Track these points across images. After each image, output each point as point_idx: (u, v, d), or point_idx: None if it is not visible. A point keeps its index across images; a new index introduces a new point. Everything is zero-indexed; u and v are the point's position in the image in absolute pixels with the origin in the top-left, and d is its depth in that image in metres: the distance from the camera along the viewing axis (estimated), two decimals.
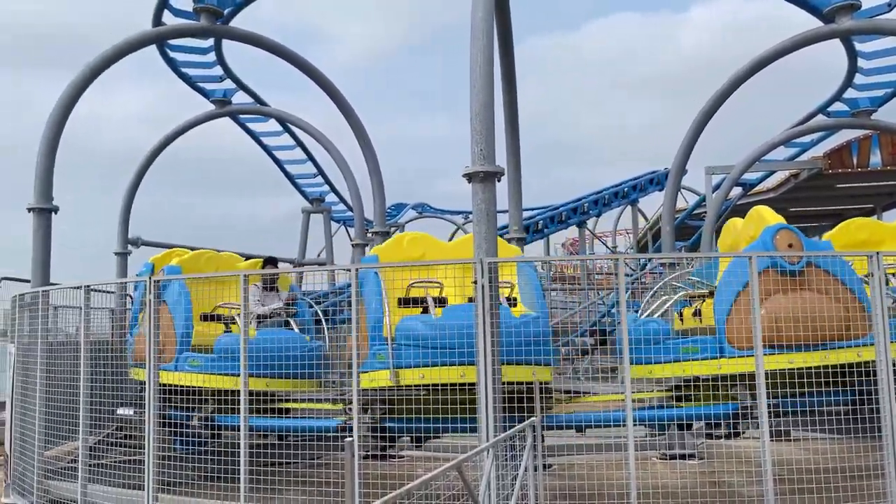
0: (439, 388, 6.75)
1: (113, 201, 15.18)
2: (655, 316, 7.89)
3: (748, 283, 6.45)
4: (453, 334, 6.64)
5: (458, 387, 6.67)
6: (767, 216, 8.11)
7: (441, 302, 7.64)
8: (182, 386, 7.87)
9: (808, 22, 10.43)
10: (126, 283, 10.34)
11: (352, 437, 4.12)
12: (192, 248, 13.45)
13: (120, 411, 8.78)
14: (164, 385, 7.71)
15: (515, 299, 8.05)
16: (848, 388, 6.88)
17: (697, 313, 8.35)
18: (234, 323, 8.90)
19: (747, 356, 6.47)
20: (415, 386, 6.93)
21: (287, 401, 8.71)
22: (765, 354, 6.28)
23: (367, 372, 6.93)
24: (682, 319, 8.29)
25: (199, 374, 8.09)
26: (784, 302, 6.65)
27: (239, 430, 6.89)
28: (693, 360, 7.03)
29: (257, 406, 7.90)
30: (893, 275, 8.16)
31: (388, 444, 7.50)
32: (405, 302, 7.67)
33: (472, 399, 6.47)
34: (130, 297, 10.38)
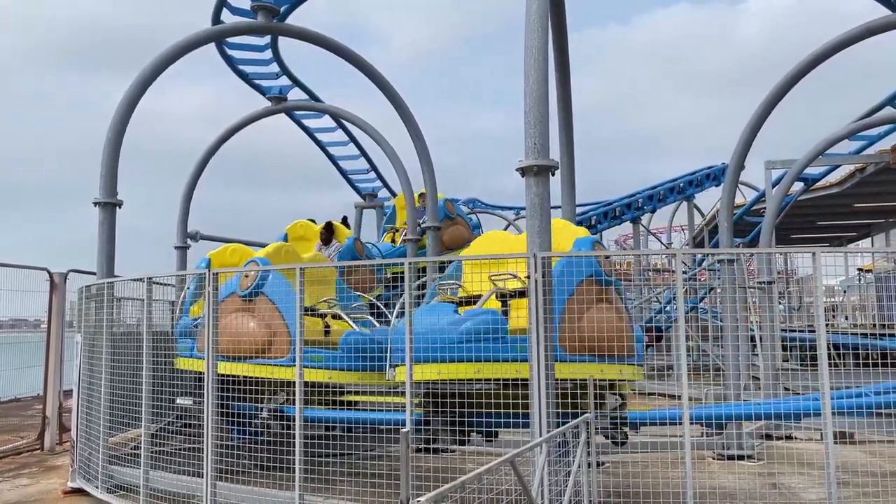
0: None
1: (173, 197, 15.54)
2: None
3: (576, 288, 6.75)
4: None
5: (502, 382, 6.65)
6: (580, 231, 8.31)
7: (520, 294, 7.31)
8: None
9: (872, 12, 10.06)
10: (185, 275, 10.60)
11: (406, 428, 4.15)
12: (249, 243, 13.83)
13: (179, 401, 9.02)
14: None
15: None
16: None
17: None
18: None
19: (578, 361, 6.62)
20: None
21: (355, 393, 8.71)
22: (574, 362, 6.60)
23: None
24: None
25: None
26: (598, 312, 6.75)
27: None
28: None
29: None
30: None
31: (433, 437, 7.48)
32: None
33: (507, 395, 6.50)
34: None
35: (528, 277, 6.44)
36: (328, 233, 14.08)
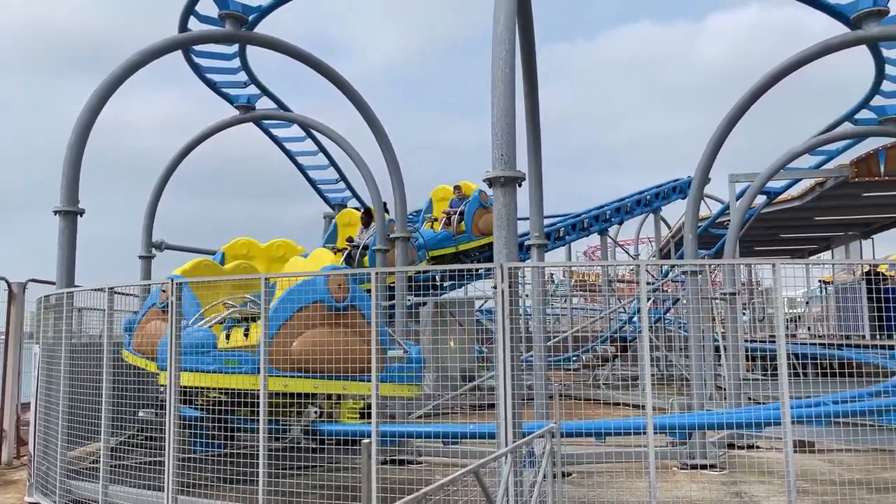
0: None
1: (139, 206, 15.31)
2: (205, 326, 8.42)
3: (298, 311, 7.49)
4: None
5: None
6: (326, 257, 9.49)
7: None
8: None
9: (831, 29, 10.33)
10: (149, 285, 10.44)
11: (368, 439, 4.11)
12: (214, 253, 13.72)
13: (141, 413, 8.87)
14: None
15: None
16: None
17: (247, 333, 8.62)
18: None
19: (282, 376, 7.34)
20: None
21: None
22: (297, 377, 7.38)
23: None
24: (227, 338, 8.62)
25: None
26: (321, 335, 7.44)
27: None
28: (235, 373, 7.70)
29: None
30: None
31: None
32: None
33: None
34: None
35: (495, 288, 6.47)
36: (367, 217, 15.52)
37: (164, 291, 8.60)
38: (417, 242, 16.85)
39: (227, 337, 8.57)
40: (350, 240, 15.92)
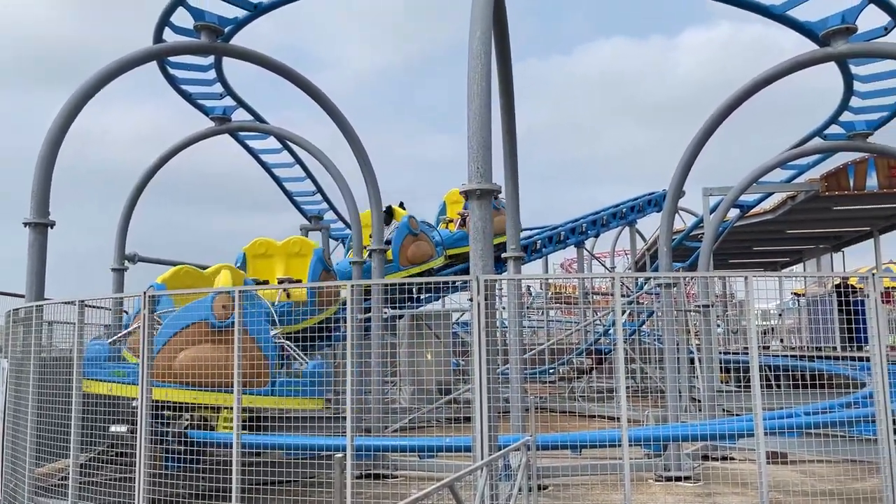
0: None
1: (111, 217, 15.17)
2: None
3: (182, 328, 8.09)
4: None
5: None
6: (223, 278, 10.14)
7: None
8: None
9: (801, 45, 10.53)
10: (121, 298, 10.30)
11: (342, 454, 4.07)
12: (196, 265, 13.76)
13: (112, 429, 8.72)
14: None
15: None
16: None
17: None
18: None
19: (163, 387, 8.00)
20: None
21: None
22: (185, 389, 8.13)
23: None
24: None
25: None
26: (205, 351, 7.95)
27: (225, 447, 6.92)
28: (122, 382, 8.31)
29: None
30: None
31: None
32: None
33: None
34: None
35: (471, 300, 6.47)
36: (388, 215, 16.30)
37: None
38: (435, 240, 17.91)
39: None
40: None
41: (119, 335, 9.39)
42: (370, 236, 13.77)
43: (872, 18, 9.96)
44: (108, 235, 15.10)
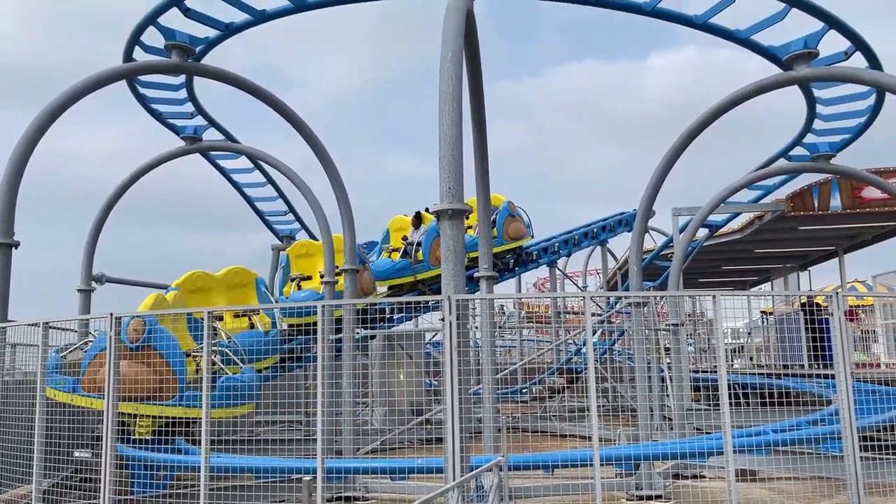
0: None
1: (79, 237, 14.92)
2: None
3: (103, 349, 8.55)
4: None
5: None
6: (146, 302, 10.95)
7: None
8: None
9: (766, 69, 10.78)
10: (87, 319, 10.12)
11: (312, 476, 4.02)
12: (154, 286, 13.80)
13: (77, 454, 8.53)
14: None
15: None
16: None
17: None
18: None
19: (89, 397, 9.05)
20: None
21: None
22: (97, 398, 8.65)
23: None
24: None
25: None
26: (126, 367, 8.83)
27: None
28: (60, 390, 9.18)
29: None
30: None
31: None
32: None
33: None
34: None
35: (443, 320, 6.47)
36: (418, 220, 18.04)
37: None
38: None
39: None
40: (404, 238, 18.44)
41: (71, 348, 9.99)
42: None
43: (833, 44, 10.24)
44: (76, 255, 14.86)
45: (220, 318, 12.15)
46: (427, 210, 19.14)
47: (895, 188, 14.15)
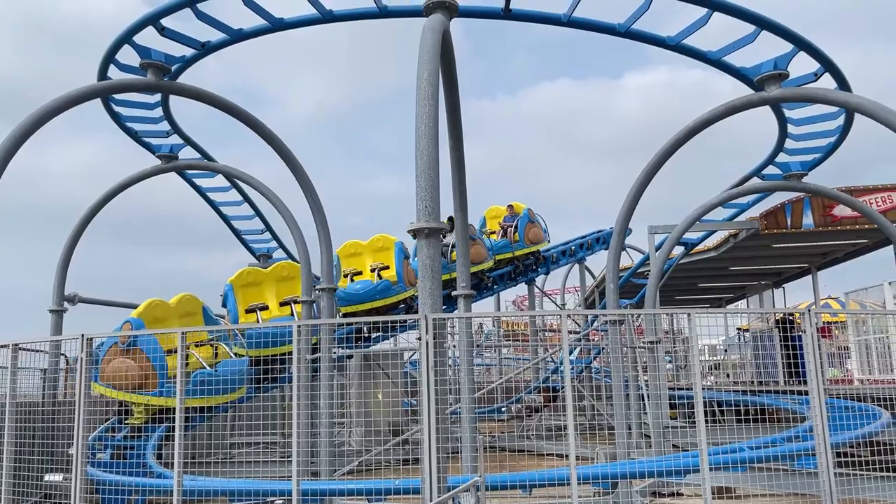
0: None
1: (51, 257, 14.69)
2: None
3: (108, 348, 10.49)
4: None
5: None
6: (137, 311, 12.04)
7: None
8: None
9: (738, 89, 10.96)
10: (59, 340, 9.95)
11: (287, 499, 3.92)
12: (127, 305, 13.87)
13: (47, 478, 8.35)
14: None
15: None
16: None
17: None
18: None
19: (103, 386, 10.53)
20: None
21: None
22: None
23: None
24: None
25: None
26: (121, 363, 10.51)
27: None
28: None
29: None
30: None
31: None
32: None
33: None
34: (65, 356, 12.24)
35: (419, 339, 6.44)
36: (451, 224, 18.28)
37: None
38: (487, 246, 20.99)
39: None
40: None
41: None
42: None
43: (804, 65, 10.43)
44: (48, 275, 14.62)
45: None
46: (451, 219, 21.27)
47: (866, 206, 14.40)
